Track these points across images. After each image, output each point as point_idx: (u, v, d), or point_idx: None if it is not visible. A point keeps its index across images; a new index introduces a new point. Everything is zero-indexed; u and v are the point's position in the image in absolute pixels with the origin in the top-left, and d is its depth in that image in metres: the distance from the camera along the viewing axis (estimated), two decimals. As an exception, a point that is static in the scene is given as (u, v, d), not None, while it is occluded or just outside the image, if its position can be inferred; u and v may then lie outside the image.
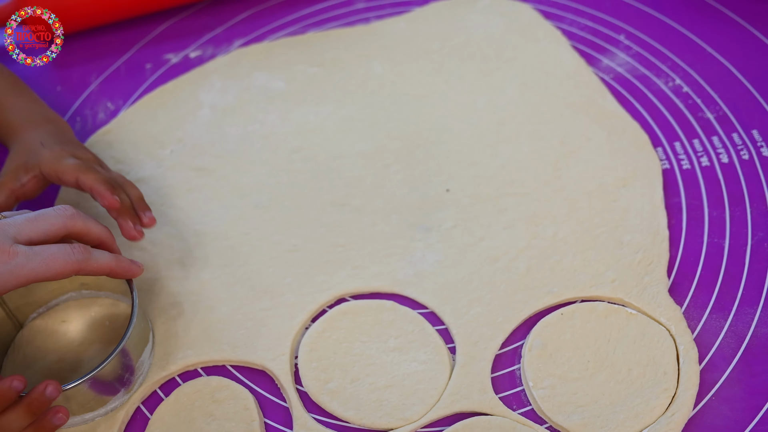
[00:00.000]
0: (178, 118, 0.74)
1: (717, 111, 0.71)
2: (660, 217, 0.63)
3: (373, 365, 0.57)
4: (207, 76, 0.77)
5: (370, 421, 0.54)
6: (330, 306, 0.61)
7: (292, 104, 0.74)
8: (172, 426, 0.55)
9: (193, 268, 0.63)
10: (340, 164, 0.69)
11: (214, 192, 0.68)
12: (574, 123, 0.70)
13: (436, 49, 0.77)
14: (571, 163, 0.67)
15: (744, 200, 0.65)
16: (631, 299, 0.58)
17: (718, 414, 0.53)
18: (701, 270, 0.61)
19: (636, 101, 0.73)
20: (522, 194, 0.65)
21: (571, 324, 0.57)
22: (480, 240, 0.63)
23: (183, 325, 0.60)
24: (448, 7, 0.81)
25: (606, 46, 0.77)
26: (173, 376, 0.58)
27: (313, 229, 0.65)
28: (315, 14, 0.83)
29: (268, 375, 0.58)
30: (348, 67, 0.77)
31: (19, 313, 0.59)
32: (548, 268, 0.61)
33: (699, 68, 0.75)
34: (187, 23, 0.83)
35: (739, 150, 0.68)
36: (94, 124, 0.75)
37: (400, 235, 0.64)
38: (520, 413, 0.54)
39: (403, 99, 0.74)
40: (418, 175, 0.68)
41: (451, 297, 0.60)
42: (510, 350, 0.58)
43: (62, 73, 0.80)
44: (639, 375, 0.55)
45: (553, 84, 0.73)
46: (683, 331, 0.57)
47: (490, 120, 0.71)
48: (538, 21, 0.79)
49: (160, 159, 0.71)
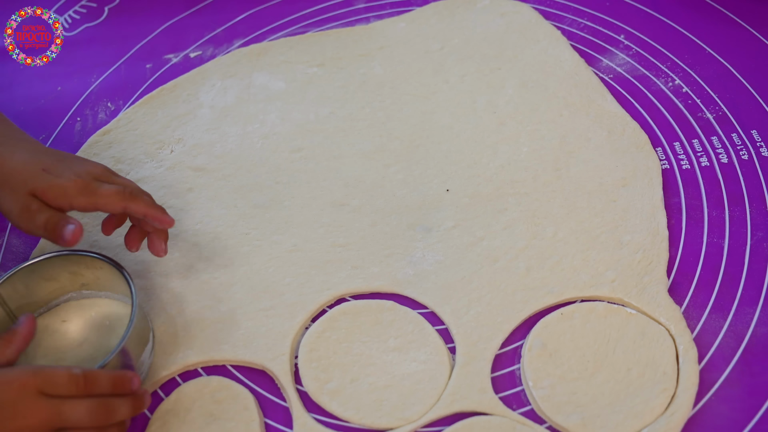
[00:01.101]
0: (178, 118, 0.74)
1: (716, 111, 0.71)
2: (660, 217, 0.63)
3: (373, 365, 0.57)
4: (207, 76, 0.77)
5: (370, 421, 0.54)
6: (330, 306, 0.61)
7: (292, 104, 0.74)
8: (172, 426, 0.55)
9: (193, 268, 0.63)
10: (340, 164, 0.69)
11: (214, 192, 0.68)
12: (574, 123, 0.70)
13: (436, 49, 0.77)
14: (571, 163, 0.67)
15: (743, 200, 0.65)
16: (630, 299, 0.58)
17: (717, 413, 0.53)
18: (701, 270, 0.61)
19: (636, 101, 0.73)
20: (522, 194, 0.65)
21: (571, 324, 0.57)
22: (480, 240, 0.63)
23: (183, 325, 0.60)
24: (448, 7, 0.81)
25: (606, 46, 0.77)
26: (173, 376, 0.58)
27: (313, 229, 0.65)
28: (315, 14, 0.83)
29: (268, 375, 0.58)
30: (348, 67, 0.77)
31: (20, 312, 0.59)
32: (548, 268, 0.61)
33: (699, 68, 0.75)
34: (187, 23, 0.83)
35: (738, 150, 0.68)
36: (94, 124, 0.75)
37: (400, 235, 0.64)
38: (520, 413, 0.54)
39: (403, 99, 0.74)
40: (418, 175, 0.68)
41: (451, 297, 0.60)
42: (510, 350, 0.58)
43: (62, 73, 0.80)
44: (638, 375, 0.55)
45: (553, 84, 0.73)
46: (683, 330, 0.57)
47: (490, 120, 0.71)
48: (538, 21, 0.79)
49: (160, 159, 0.71)
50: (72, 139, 0.74)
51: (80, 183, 0.55)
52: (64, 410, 0.47)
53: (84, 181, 0.56)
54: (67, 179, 0.55)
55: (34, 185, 0.55)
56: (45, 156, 0.57)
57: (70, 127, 0.75)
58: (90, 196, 0.55)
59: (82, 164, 0.58)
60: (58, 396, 0.47)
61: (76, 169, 0.57)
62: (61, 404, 0.47)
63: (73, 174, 0.56)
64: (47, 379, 0.47)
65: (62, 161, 0.57)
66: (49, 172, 0.55)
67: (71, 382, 0.48)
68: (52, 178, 0.55)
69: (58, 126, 0.75)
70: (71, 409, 0.47)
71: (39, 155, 0.57)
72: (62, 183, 0.55)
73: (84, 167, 0.58)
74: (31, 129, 0.74)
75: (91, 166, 0.59)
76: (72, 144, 0.73)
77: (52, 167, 0.56)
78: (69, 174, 0.56)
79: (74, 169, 0.57)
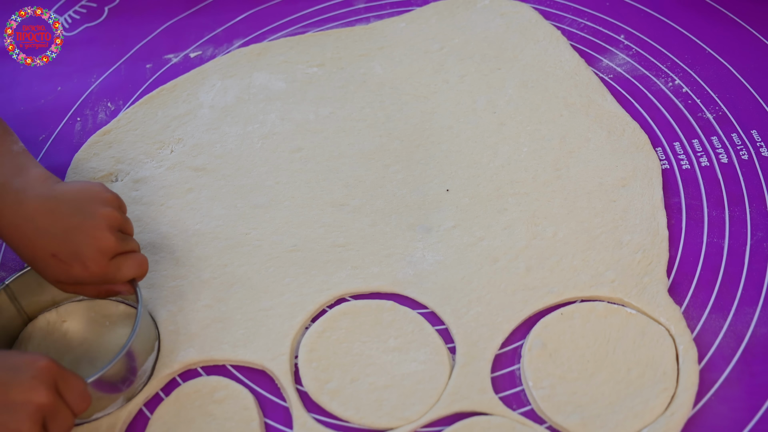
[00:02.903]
0: (178, 118, 0.74)
1: (716, 111, 0.71)
2: (659, 217, 0.63)
3: (373, 365, 0.57)
4: (207, 76, 0.77)
5: (370, 421, 0.54)
6: (330, 306, 0.61)
7: (292, 104, 0.74)
8: (172, 426, 0.55)
9: (193, 267, 0.63)
10: (340, 164, 0.69)
11: (214, 192, 0.68)
12: (574, 123, 0.70)
13: (436, 49, 0.77)
14: (571, 163, 0.67)
15: (743, 200, 0.65)
16: (630, 299, 0.58)
17: (717, 413, 0.53)
18: (701, 270, 0.61)
19: (636, 101, 0.73)
20: (522, 194, 0.65)
21: (571, 324, 0.57)
22: (480, 240, 0.63)
23: (183, 325, 0.60)
24: (448, 7, 0.81)
25: (606, 46, 0.77)
26: (173, 376, 0.58)
27: (313, 229, 0.65)
28: (315, 14, 0.83)
29: (268, 375, 0.58)
30: (348, 67, 0.77)
31: (29, 309, 0.59)
32: (548, 268, 0.61)
33: (699, 68, 0.75)
34: (187, 23, 0.83)
35: (738, 150, 0.68)
36: (94, 124, 0.75)
37: (400, 235, 0.64)
38: (520, 413, 0.54)
39: (403, 99, 0.74)
40: (418, 175, 0.68)
41: (451, 297, 0.60)
42: (510, 350, 0.58)
43: (62, 73, 0.80)
44: (638, 375, 0.55)
45: (553, 84, 0.73)
46: (683, 330, 0.57)
47: (490, 120, 0.71)
48: (538, 21, 0.79)
49: (160, 159, 0.71)
50: (72, 139, 0.74)
51: (95, 275, 0.54)
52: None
53: (99, 272, 0.54)
54: (79, 268, 0.54)
55: (49, 276, 0.55)
56: (51, 235, 0.54)
57: (70, 127, 0.75)
58: (108, 280, 0.55)
59: (90, 233, 0.54)
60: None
61: (85, 249, 0.54)
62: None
63: (83, 260, 0.54)
64: (63, 377, 0.48)
65: (69, 236, 0.54)
66: (58, 258, 0.53)
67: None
68: (64, 266, 0.53)
69: (58, 126, 0.75)
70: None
71: (43, 233, 0.54)
72: (75, 274, 0.54)
73: (91, 242, 0.54)
74: (31, 129, 0.74)
75: (98, 225, 0.55)
76: (72, 144, 0.73)
77: (59, 251, 0.54)
78: (79, 261, 0.54)
79: (83, 248, 0.54)
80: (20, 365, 0.47)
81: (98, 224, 0.55)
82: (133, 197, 0.68)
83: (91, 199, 0.56)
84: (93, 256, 0.54)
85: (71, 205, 0.55)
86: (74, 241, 0.54)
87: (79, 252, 0.54)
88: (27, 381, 0.46)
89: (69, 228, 0.54)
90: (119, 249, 0.55)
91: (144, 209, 0.67)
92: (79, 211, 0.55)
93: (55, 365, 0.47)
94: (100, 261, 0.54)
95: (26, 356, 0.48)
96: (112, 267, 0.55)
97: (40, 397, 0.46)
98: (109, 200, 0.57)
